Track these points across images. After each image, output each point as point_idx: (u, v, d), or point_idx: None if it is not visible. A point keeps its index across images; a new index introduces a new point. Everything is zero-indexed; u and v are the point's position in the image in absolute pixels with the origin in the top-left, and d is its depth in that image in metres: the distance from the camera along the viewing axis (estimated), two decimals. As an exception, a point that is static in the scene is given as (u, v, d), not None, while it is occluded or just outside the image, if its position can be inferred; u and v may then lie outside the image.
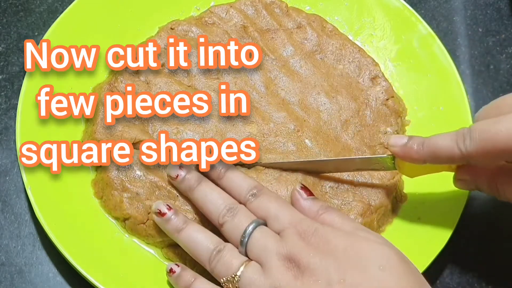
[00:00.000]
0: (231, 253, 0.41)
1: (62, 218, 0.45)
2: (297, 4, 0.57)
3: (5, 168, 0.50)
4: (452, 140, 0.41)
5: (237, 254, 0.41)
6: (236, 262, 0.40)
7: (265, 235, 0.41)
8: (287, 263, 0.39)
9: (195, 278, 0.42)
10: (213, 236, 0.43)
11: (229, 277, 0.40)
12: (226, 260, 0.41)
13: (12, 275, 0.46)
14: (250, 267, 0.40)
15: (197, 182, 0.45)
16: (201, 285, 0.42)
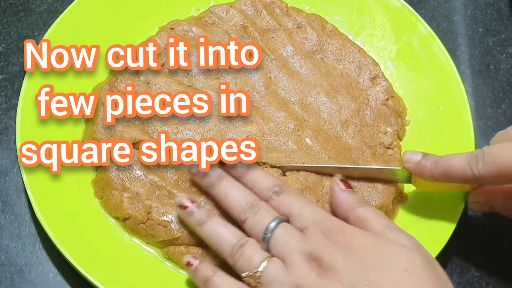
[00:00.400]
0: (253, 248, 0.41)
1: (62, 218, 0.45)
2: (297, 4, 0.57)
3: (5, 168, 0.50)
4: (465, 161, 0.41)
5: (260, 250, 0.41)
6: (258, 257, 0.40)
7: (288, 232, 0.40)
8: (310, 261, 0.38)
9: (214, 272, 0.41)
10: (236, 230, 0.42)
11: (250, 272, 0.40)
12: (248, 255, 0.40)
13: (12, 275, 0.46)
14: (273, 263, 0.39)
15: (218, 178, 0.44)
16: (220, 279, 0.41)
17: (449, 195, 0.48)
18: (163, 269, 0.45)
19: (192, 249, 0.45)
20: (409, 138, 0.52)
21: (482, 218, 0.51)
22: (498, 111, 0.56)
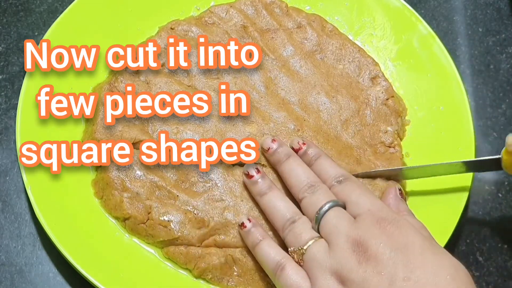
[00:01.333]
0: (303, 226, 0.42)
1: (62, 218, 0.45)
2: (297, 4, 0.57)
3: (5, 168, 0.50)
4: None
5: (309, 229, 0.42)
6: (306, 235, 0.41)
7: (340, 215, 0.41)
8: (355, 247, 0.38)
9: (263, 237, 0.43)
10: (292, 206, 0.43)
11: (296, 248, 0.41)
12: (297, 232, 0.41)
13: (12, 275, 0.46)
14: (318, 243, 0.40)
15: (286, 156, 0.46)
16: (266, 246, 0.42)
17: (449, 196, 0.48)
18: (163, 269, 0.45)
19: (192, 249, 0.45)
20: (409, 138, 0.52)
21: (482, 218, 0.51)
22: (498, 111, 0.56)
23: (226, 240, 0.45)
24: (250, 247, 0.44)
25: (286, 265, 0.40)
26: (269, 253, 0.42)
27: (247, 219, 0.44)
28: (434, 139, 0.51)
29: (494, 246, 0.50)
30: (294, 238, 0.41)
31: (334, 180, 0.44)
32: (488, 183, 0.53)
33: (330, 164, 0.46)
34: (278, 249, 0.42)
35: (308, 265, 0.40)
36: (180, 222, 0.45)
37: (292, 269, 0.40)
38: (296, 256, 0.41)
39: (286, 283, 0.40)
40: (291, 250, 0.41)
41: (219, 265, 0.44)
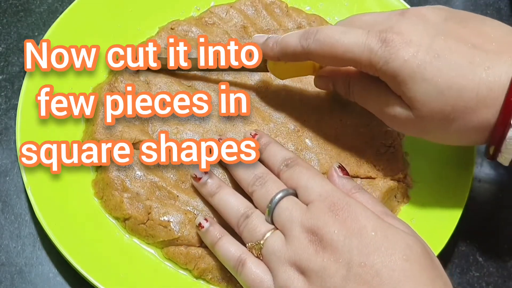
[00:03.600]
0: (257, 220, 0.42)
1: (62, 218, 0.45)
2: (297, 4, 0.57)
3: (5, 168, 0.50)
4: (297, 37, 0.44)
5: (263, 222, 0.42)
6: (261, 229, 0.41)
7: (291, 205, 0.41)
8: (310, 236, 0.38)
9: (222, 235, 0.43)
10: (244, 201, 0.44)
11: (254, 243, 0.41)
12: (252, 226, 0.42)
13: (12, 275, 0.46)
14: (274, 236, 0.40)
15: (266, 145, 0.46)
16: (226, 243, 0.42)
17: (449, 196, 0.48)
18: (163, 269, 0.45)
19: (192, 249, 0.45)
20: (409, 138, 0.51)
21: (482, 218, 0.51)
22: (498, 111, 0.56)
23: (226, 241, 0.45)
24: (209, 246, 0.44)
25: (247, 260, 0.41)
26: (229, 250, 0.42)
27: (204, 219, 0.44)
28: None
29: (494, 246, 0.50)
30: (250, 233, 0.41)
31: (282, 164, 0.44)
32: (488, 183, 0.53)
33: (279, 148, 0.46)
34: (238, 245, 0.42)
35: (267, 258, 0.40)
36: (180, 222, 0.45)
37: (252, 264, 0.40)
38: (254, 251, 0.41)
39: (248, 278, 0.40)
40: (249, 245, 0.41)
41: (219, 265, 0.44)
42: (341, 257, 0.37)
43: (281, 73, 0.49)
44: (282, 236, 0.40)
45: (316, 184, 0.41)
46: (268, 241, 0.40)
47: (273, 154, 0.45)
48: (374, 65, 0.40)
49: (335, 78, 0.47)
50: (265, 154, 0.45)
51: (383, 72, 0.40)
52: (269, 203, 0.41)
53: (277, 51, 0.45)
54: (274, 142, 0.46)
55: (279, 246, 0.39)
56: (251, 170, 0.44)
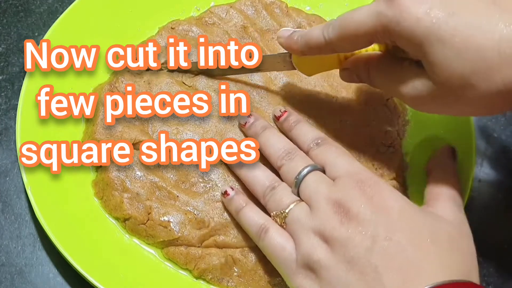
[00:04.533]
0: (284, 192, 0.43)
1: (62, 219, 0.45)
2: (297, 4, 0.57)
3: (5, 168, 0.50)
4: (320, 29, 0.43)
5: (289, 193, 0.42)
6: (287, 200, 0.42)
7: (319, 179, 0.41)
8: (336, 208, 0.39)
9: (247, 203, 0.44)
10: (271, 174, 0.45)
11: (278, 212, 0.42)
12: (278, 197, 0.42)
13: (12, 275, 0.46)
14: (299, 206, 0.41)
15: (262, 128, 0.47)
16: (250, 211, 0.43)
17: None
18: (163, 270, 0.45)
19: (192, 249, 0.45)
20: (409, 138, 0.51)
21: (482, 218, 0.51)
22: (498, 111, 0.56)
23: (226, 241, 0.45)
24: (233, 213, 0.45)
25: (270, 227, 0.41)
26: (253, 218, 0.43)
27: (230, 187, 0.45)
28: (434, 139, 0.51)
29: (494, 247, 0.50)
30: (275, 203, 0.42)
31: (312, 143, 0.45)
32: (489, 183, 0.53)
33: (309, 128, 0.47)
34: (261, 213, 0.43)
35: (291, 227, 0.40)
36: (180, 222, 0.45)
37: (275, 231, 0.41)
38: (278, 219, 0.41)
39: (270, 245, 0.41)
40: (273, 214, 0.42)
41: (219, 265, 0.44)
42: (366, 229, 0.37)
43: (307, 68, 0.48)
44: (307, 207, 0.41)
45: (345, 161, 0.42)
46: (293, 210, 0.41)
47: (303, 133, 0.46)
48: (388, 30, 0.38)
49: (357, 68, 0.46)
50: (294, 132, 0.46)
51: (398, 35, 0.38)
52: (297, 176, 0.42)
53: (301, 45, 0.44)
54: (305, 121, 0.47)
55: (304, 215, 0.40)
56: (281, 145, 0.45)
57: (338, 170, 0.41)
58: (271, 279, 0.44)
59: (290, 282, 0.40)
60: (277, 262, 0.41)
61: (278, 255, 0.40)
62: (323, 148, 0.44)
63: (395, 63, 0.42)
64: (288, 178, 0.43)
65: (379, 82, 0.44)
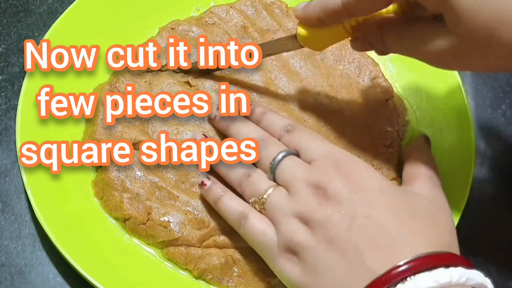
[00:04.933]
0: (260, 178, 0.43)
1: (62, 219, 0.45)
2: (297, 4, 0.57)
3: (5, 168, 0.50)
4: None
5: (266, 179, 0.43)
6: (264, 185, 0.42)
7: (294, 163, 0.42)
8: (314, 190, 0.39)
9: (225, 192, 0.44)
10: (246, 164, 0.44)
11: (256, 198, 0.42)
12: (255, 183, 0.43)
13: (12, 275, 0.46)
14: (277, 190, 0.41)
15: (232, 120, 0.47)
16: (228, 199, 0.43)
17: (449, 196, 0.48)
18: (163, 270, 0.45)
19: (192, 249, 0.45)
20: (409, 138, 0.52)
21: (482, 218, 0.51)
22: (498, 111, 0.56)
23: (226, 241, 0.45)
24: (212, 203, 0.45)
25: (249, 214, 0.42)
26: (232, 205, 0.43)
27: (206, 178, 0.45)
28: (434, 139, 0.51)
29: (494, 246, 0.50)
30: (253, 189, 0.42)
31: (283, 130, 0.45)
32: (489, 183, 0.53)
33: (277, 116, 0.47)
34: (240, 201, 0.43)
35: (270, 212, 0.41)
36: (180, 222, 0.45)
37: (255, 217, 0.41)
38: (257, 205, 0.42)
39: (252, 231, 0.41)
40: (251, 201, 0.42)
41: (219, 265, 0.44)
42: (345, 208, 0.37)
43: (315, 43, 0.46)
44: (285, 191, 0.41)
45: (319, 144, 0.42)
46: (271, 196, 0.41)
47: (272, 122, 0.46)
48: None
49: (369, 35, 0.44)
50: (264, 123, 0.46)
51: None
52: (272, 161, 0.42)
53: (318, 11, 0.42)
54: (271, 111, 0.48)
55: (282, 199, 0.40)
56: (253, 134, 0.45)
57: (313, 153, 0.42)
58: (271, 279, 0.44)
59: (273, 266, 0.41)
60: (259, 248, 0.42)
61: (260, 240, 0.41)
62: (295, 134, 0.44)
63: (412, 23, 0.41)
64: (263, 164, 0.43)
65: (395, 46, 0.43)
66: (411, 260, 0.34)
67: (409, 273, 0.34)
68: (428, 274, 0.34)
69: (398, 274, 0.34)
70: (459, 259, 0.36)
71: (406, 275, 0.34)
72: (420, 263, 0.34)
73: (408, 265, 0.34)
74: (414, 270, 0.34)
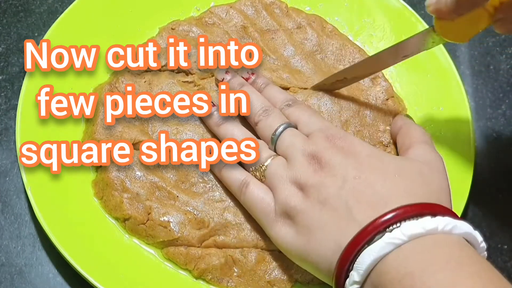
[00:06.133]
0: (261, 147, 0.45)
1: (62, 219, 0.45)
2: (297, 4, 0.57)
3: (5, 168, 0.50)
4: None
5: (267, 149, 0.45)
6: (264, 155, 0.45)
7: (294, 135, 0.44)
8: (310, 159, 0.42)
9: None
10: (248, 132, 0.47)
11: (257, 166, 0.44)
12: None
13: (12, 275, 0.46)
14: (276, 159, 0.44)
15: (240, 85, 0.49)
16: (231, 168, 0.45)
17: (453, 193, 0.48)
18: (163, 270, 0.45)
19: (192, 249, 0.45)
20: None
21: (482, 219, 0.51)
22: (498, 111, 0.56)
23: (226, 241, 0.45)
24: (216, 172, 0.47)
25: (250, 182, 0.44)
26: (234, 174, 0.45)
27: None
28: (434, 139, 0.51)
29: (494, 247, 0.50)
30: None
31: (284, 104, 0.47)
32: (488, 184, 0.53)
33: (279, 90, 0.49)
34: (242, 170, 0.45)
35: (270, 179, 0.43)
36: (180, 222, 0.45)
37: (255, 185, 0.44)
38: (258, 173, 0.44)
39: (251, 198, 0.43)
40: (252, 169, 0.45)
41: (219, 265, 0.44)
42: (337, 172, 0.40)
43: (457, 34, 0.44)
44: (284, 160, 0.43)
45: (316, 120, 0.46)
46: (271, 164, 0.44)
47: (273, 95, 0.48)
48: None
49: None
50: (265, 94, 0.49)
51: None
52: (274, 133, 0.45)
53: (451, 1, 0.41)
54: (273, 84, 0.50)
55: (281, 168, 0.43)
56: (258, 102, 0.47)
57: (311, 127, 0.45)
58: (271, 279, 0.44)
59: (269, 231, 0.43)
60: (257, 213, 0.43)
61: (258, 206, 0.43)
62: (295, 108, 0.47)
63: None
64: (265, 133, 0.46)
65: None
66: (395, 209, 0.36)
67: (393, 221, 0.36)
68: (414, 222, 0.35)
69: (383, 222, 0.36)
70: (447, 210, 0.37)
71: (390, 223, 0.36)
72: (404, 211, 0.36)
73: (392, 213, 0.36)
74: (398, 218, 0.36)
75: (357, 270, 0.36)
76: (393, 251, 0.35)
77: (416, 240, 0.35)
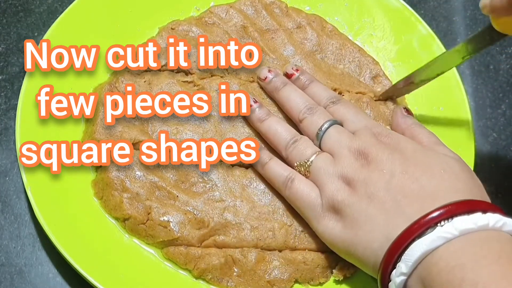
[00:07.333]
0: (306, 143, 0.46)
1: (62, 219, 0.45)
2: (297, 4, 0.57)
3: (5, 168, 0.50)
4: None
5: (312, 145, 0.46)
6: (309, 150, 0.45)
7: (340, 131, 0.45)
8: (357, 155, 0.42)
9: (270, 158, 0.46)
10: (291, 128, 0.47)
11: (302, 161, 0.45)
12: (300, 148, 0.45)
13: (12, 275, 0.46)
14: (322, 155, 0.44)
15: (282, 84, 0.49)
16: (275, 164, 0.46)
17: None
18: (163, 270, 0.45)
19: (191, 249, 0.45)
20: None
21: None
22: (498, 111, 0.56)
23: (226, 241, 0.45)
24: (259, 169, 0.47)
25: (295, 177, 0.44)
26: (278, 170, 0.45)
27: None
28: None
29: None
30: (299, 153, 0.45)
31: (328, 101, 0.48)
32: (488, 184, 0.52)
33: (323, 87, 0.49)
34: (286, 166, 0.46)
35: (315, 175, 0.44)
36: (180, 222, 0.45)
37: (300, 180, 0.44)
38: (302, 169, 0.45)
39: (297, 192, 0.44)
40: (296, 164, 0.45)
41: (219, 265, 0.44)
42: (384, 168, 0.40)
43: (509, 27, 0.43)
44: (330, 156, 0.44)
45: (362, 117, 0.46)
46: (316, 159, 0.44)
47: (318, 92, 0.49)
48: None
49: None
50: (308, 91, 0.49)
51: None
52: (319, 129, 0.45)
53: None
54: (317, 81, 0.50)
55: (327, 163, 0.43)
56: (301, 100, 0.47)
57: (357, 125, 0.45)
58: (271, 279, 0.44)
59: (316, 226, 0.43)
60: (303, 208, 0.44)
61: (304, 201, 0.43)
62: (340, 106, 0.47)
63: None
64: (310, 131, 0.46)
65: None
66: (447, 205, 0.37)
67: (445, 216, 0.36)
68: (466, 217, 0.36)
69: (436, 217, 0.36)
70: (497, 208, 0.38)
71: (442, 218, 0.36)
72: (456, 207, 0.36)
73: (443, 209, 0.36)
74: (450, 213, 0.36)
75: (405, 262, 0.36)
76: (443, 245, 0.35)
77: (467, 235, 0.35)
